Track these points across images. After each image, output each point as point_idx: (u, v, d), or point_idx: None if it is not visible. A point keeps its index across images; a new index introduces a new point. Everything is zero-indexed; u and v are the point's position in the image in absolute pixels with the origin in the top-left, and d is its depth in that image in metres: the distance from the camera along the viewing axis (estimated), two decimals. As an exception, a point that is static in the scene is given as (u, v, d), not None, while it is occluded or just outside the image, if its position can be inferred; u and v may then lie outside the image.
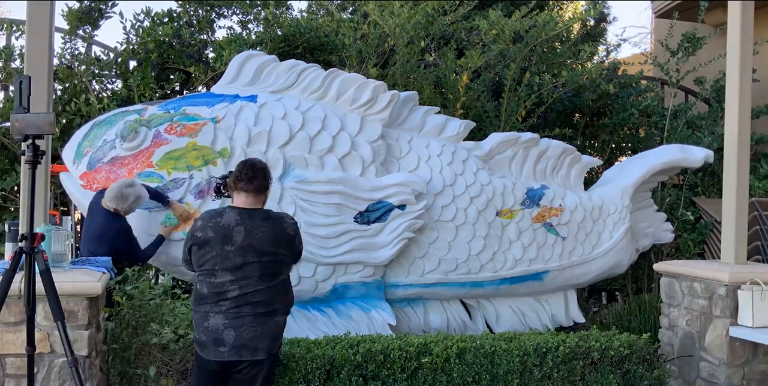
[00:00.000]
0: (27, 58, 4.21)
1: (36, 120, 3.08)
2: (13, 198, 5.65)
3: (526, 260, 5.22)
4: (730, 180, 4.88)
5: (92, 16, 6.06)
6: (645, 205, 5.91)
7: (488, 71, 6.62)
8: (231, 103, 4.79)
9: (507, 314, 5.37)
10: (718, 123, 6.76)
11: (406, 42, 6.21)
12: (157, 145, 4.58)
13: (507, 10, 7.52)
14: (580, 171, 5.63)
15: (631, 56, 11.06)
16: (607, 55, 9.37)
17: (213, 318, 3.14)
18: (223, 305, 3.14)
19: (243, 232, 3.14)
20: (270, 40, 6.12)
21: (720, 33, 7.31)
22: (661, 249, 6.53)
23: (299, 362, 3.78)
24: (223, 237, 3.13)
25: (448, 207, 4.98)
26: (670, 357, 4.87)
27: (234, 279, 3.14)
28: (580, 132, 7.08)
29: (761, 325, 4.40)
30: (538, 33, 6.34)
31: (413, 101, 5.20)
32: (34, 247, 3.09)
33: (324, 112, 4.86)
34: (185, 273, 4.61)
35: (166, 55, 6.12)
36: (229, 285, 3.14)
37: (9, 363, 3.57)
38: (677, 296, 4.95)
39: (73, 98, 5.78)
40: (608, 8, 12.06)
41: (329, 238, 4.70)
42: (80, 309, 3.66)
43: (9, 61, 5.81)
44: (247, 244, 3.14)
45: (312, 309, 4.88)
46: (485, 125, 6.37)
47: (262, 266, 3.18)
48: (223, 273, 3.14)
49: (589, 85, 6.86)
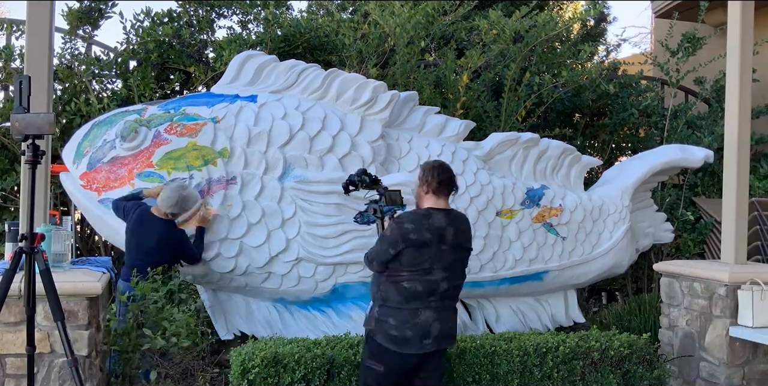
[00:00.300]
0: (27, 58, 4.21)
1: (36, 120, 3.08)
2: (13, 198, 5.65)
3: (526, 260, 5.22)
4: (730, 180, 4.88)
5: (92, 16, 6.06)
6: (645, 205, 5.91)
7: (488, 71, 6.62)
8: (231, 103, 4.79)
9: (507, 314, 5.37)
10: (718, 123, 6.77)
11: (406, 42, 6.21)
12: (157, 145, 4.58)
13: (507, 10, 7.53)
14: (580, 171, 5.63)
15: (631, 56, 11.06)
16: (607, 55, 9.39)
17: (423, 313, 3.35)
18: (431, 300, 3.37)
19: (452, 231, 3.39)
20: (270, 40, 6.12)
21: (720, 33, 7.31)
22: (661, 249, 6.53)
23: (299, 362, 3.78)
24: (439, 237, 3.34)
25: (448, 207, 4.98)
26: (670, 357, 4.87)
27: (446, 276, 3.39)
28: (580, 132, 7.08)
29: (761, 325, 4.40)
30: (538, 33, 6.34)
31: (413, 101, 5.20)
32: (34, 247, 3.09)
33: (324, 112, 4.86)
34: (185, 273, 4.61)
35: (166, 55, 6.12)
36: (441, 281, 3.37)
37: (9, 363, 3.57)
38: (677, 296, 4.95)
39: (73, 98, 5.78)
40: (608, 8, 12.07)
41: (329, 238, 4.70)
42: (80, 309, 3.66)
43: (9, 61, 5.81)
44: (456, 242, 3.41)
45: (312, 309, 4.88)
46: (485, 125, 6.37)
47: (463, 261, 3.52)
48: (438, 271, 3.36)
49: (589, 85, 6.87)
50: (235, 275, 4.61)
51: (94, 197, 4.52)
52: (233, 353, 3.87)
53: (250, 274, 4.63)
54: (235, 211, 4.56)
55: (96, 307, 3.84)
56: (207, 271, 4.57)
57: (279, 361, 3.75)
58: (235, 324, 4.80)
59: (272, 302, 4.86)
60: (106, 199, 4.49)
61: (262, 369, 3.71)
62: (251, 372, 3.70)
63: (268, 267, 4.63)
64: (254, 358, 3.73)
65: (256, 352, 3.77)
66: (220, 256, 4.53)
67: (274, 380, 3.72)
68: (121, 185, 4.49)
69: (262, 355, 3.74)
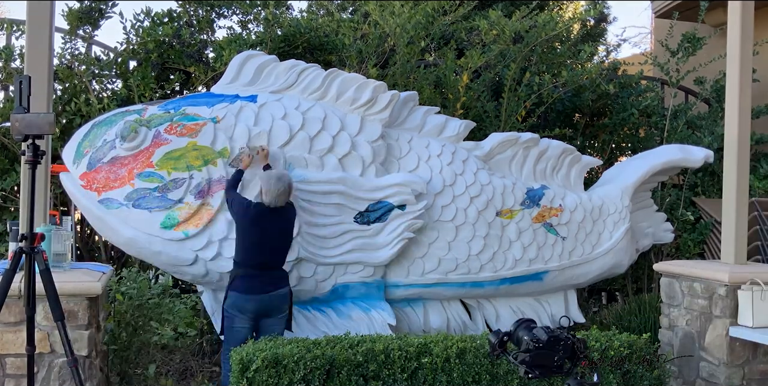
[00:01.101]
0: (27, 58, 4.21)
1: (36, 120, 3.09)
2: (13, 198, 5.65)
3: (526, 260, 5.22)
4: (730, 180, 4.88)
5: (92, 16, 6.06)
6: (645, 205, 5.91)
7: (488, 71, 6.62)
8: (231, 103, 4.79)
9: (507, 314, 5.37)
10: (718, 123, 6.77)
11: (406, 42, 6.21)
12: (157, 145, 4.58)
13: (507, 11, 7.53)
14: (580, 171, 5.63)
15: (631, 56, 11.07)
16: (607, 56, 9.37)
17: None
18: None
19: None
20: (270, 40, 6.12)
21: (720, 33, 7.31)
22: (661, 249, 6.53)
23: (299, 362, 3.78)
24: None
25: (448, 207, 4.98)
26: (670, 357, 4.87)
27: None
28: (580, 132, 7.08)
29: (761, 325, 4.40)
30: (538, 33, 6.34)
31: (413, 101, 5.20)
32: (34, 247, 3.11)
33: (324, 112, 4.86)
34: (185, 273, 4.62)
35: (166, 55, 6.12)
36: None
37: (9, 363, 3.58)
38: (677, 296, 4.95)
39: (73, 98, 5.77)
40: (608, 8, 12.06)
41: (329, 238, 4.70)
42: (80, 309, 3.67)
43: (9, 61, 5.81)
44: None
45: (312, 309, 4.88)
46: (485, 125, 6.37)
47: None
48: None
49: (589, 85, 6.86)
50: (235, 275, 4.61)
51: (94, 197, 4.51)
52: (233, 353, 3.87)
53: (250, 274, 4.63)
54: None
55: (96, 307, 3.84)
56: (207, 271, 4.56)
57: (279, 361, 3.75)
58: (235, 324, 4.79)
59: (272, 302, 4.86)
60: (106, 199, 4.48)
61: (262, 370, 3.71)
62: (251, 372, 3.70)
63: (268, 267, 4.62)
64: (254, 358, 3.73)
65: (256, 352, 3.77)
66: (220, 256, 4.53)
67: (274, 380, 3.72)
68: (121, 185, 4.49)
69: (262, 355, 3.74)
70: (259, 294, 4.24)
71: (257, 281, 4.25)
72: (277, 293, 4.29)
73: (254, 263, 4.29)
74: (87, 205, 4.54)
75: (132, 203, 4.46)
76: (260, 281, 4.26)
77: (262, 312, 4.28)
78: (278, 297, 4.30)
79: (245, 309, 4.24)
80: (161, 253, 4.50)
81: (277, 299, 4.29)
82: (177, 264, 4.54)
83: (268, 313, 4.30)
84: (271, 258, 4.32)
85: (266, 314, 4.29)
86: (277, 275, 4.35)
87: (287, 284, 4.38)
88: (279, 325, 4.34)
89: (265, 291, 4.26)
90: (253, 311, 4.24)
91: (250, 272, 4.27)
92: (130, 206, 4.45)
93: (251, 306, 4.23)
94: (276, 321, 4.33)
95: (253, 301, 4.23)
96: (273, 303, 4.28)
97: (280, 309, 4.32)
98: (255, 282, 4.25)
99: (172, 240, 4.50)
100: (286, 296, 4.36)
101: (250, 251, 4.29)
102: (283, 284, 4.35)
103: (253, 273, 4.27)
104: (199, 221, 4.50)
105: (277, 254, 4.35)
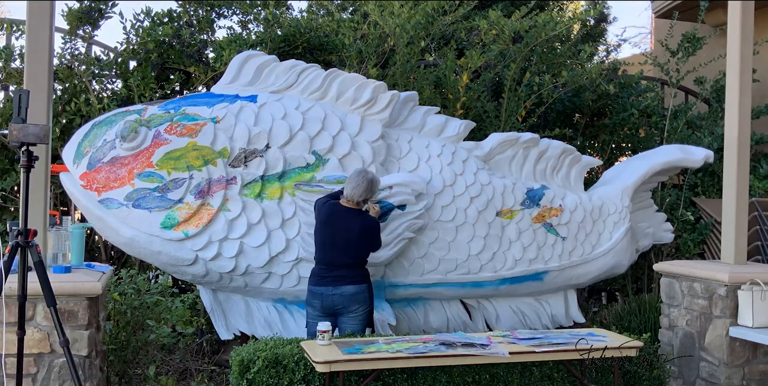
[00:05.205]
0: (27, 58, 4.21)
1: (33, 131, 3.30)
2: (14, 198, 5.65)
3: (526, 260, 5.22)
4: (730, 180, 4.88)
5: (92, 16, 6.06)
6: (645, 205, 5.91)
7: (488, 71, 6.62)
8: (231, 103, 4.79)
9: (507, 314, 5.37)
10: (718, 123, 6.77)
11: (406, 42, 6.21)
12: (157, 145, 4.58)
13: (507, 10, 7.53)
14: (580, 171, 5.63)
15: (631, 56, 11.07)
16: (607, 56, 9.38)
17: None
18: None
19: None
20: (270, 40, 6.12)
21: (720, 33, 7.31)
22: (661, 249, 6.53)
23: (299, 362, 3.78)
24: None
25: (448, 207, 4.98)
26: (670, 357, 4.87)
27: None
28: (580, 132, 7.08)
29: (761, 325, 4.40)
30: (538, 33, 6.34)
31: (413, 101, 5.20)
32: (28, 241, 3.37)
33: (324, 112, 4.86)
34: (185, 273, 4.62)
35: (166, 55, 6.12)
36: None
37: (9, 363, 3.57)
38: (677, 296, 4.96)
39: (73, 98, 5.78)
40: (608, 8, 12.06)
41: (329, 238, 4.70)
42: (80, 309, 3.67)
43: (9, 61, 5.81)
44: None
45: (312, 309, 4.88)
46: (485, 125, 6.37)
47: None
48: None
49: (589, 85, 6.86)
50: (235, 275, 4.61)
51: (94, 197, 4.52)
52: (233, 353, 3.87)
53: (250, 274, 4.63)
54: (235, 211, 4.56)
55: (96, 307, 3.84)
56: (207, 271, 4.57)
57: (279, 362, 3.75)
58: (235, 324, 4.79)
59: (272, 302, 4.86)
60: (106, 199, 4.48)
61: (262, 370, 3.71)
62: (251, 373, 3.70)
63: (268, 267, 4.63)
64: (254, 359, 3.73)
65: (256, 353, 3.78)
66: (220, 256, 4.53)
67: (274, 380, 3.72)
68: (121, 185, 4.49)
69: (263, 356, 3.74)
70: (323, 290, 4.33)
71: (323, 279, 4.35)
72: (340, 292, 4.31)
73: (323, 260, 4.39)
74: (87, 205, 4.54)
75: (132, 203, 4.46)
76: (326, 279, 4.34)
77: (329, 309, 4.33)
78: (342, 296, 4.32)
79: (311, 303, 4.38)
80: (161, 253, 4.51)
81: (342, 297, 4.31)
82: (177, 264, 4.54)
83: (338, 310, 4.35)
84: (339, 257, 4.36)
85: (336, 311, 4.35)
86: (344, 275, 4.36)
87: (356, 284, 4.36)
88: (352, 324, 4.36)
89: (329, 288, 4.32)
90: (319, 306, 4.33)
91: (319, 269, 4.39)
92: (130, 206, 4.45)
93: (316, 302, 4.34)
94: (348, 319, 4.36)
95: (317, 297, 4.34)
96: (337, 300, 4.32)
97: (348, 307, 4.33)
98: (321, 279, 4.36)
99: (172, 240, 4.51)
100: (354, 295, 4.34)
101: (320, 249, 4.40)
102: (349, 284, 4.34)
103: (322, 270, 4.38)
104: (199, 221, 4.51)
105: (344, 253, 4.36)
